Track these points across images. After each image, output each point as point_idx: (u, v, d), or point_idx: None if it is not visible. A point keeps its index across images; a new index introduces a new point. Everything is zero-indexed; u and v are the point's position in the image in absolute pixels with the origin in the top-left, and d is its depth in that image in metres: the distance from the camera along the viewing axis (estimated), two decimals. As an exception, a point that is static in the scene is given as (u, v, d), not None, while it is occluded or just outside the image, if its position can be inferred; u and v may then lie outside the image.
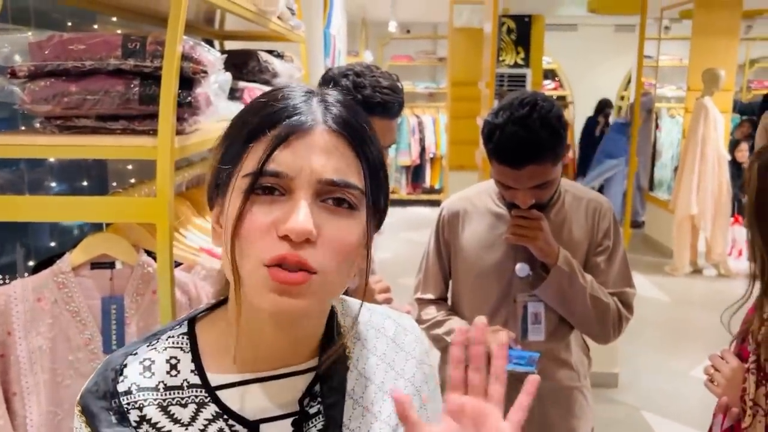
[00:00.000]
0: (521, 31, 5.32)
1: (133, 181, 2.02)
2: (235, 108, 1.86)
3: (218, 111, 1.43)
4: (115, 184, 2.13)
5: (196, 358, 0.68)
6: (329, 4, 3.99)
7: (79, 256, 1.28)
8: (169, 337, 0.69)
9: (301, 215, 0.58)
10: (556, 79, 8.15)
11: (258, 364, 0.68)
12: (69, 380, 1.25)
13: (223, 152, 0.65)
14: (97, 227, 1.39)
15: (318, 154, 0.61)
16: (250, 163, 0.61)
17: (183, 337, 0.69)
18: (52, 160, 1.90)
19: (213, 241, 0.69)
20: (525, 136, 1.34)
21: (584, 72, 7.96)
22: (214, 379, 0.67)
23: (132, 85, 1.25)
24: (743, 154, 5.85)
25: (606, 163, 5.46)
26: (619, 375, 3.69)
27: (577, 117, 7.88)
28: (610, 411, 3.40)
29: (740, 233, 5.97)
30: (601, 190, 5.35)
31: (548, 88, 7.93)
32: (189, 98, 1.28)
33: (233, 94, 1.90)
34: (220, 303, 0.73)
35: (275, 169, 0.60)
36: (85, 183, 2.10)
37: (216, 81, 1.42)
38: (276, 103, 0.63)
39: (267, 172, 0.60)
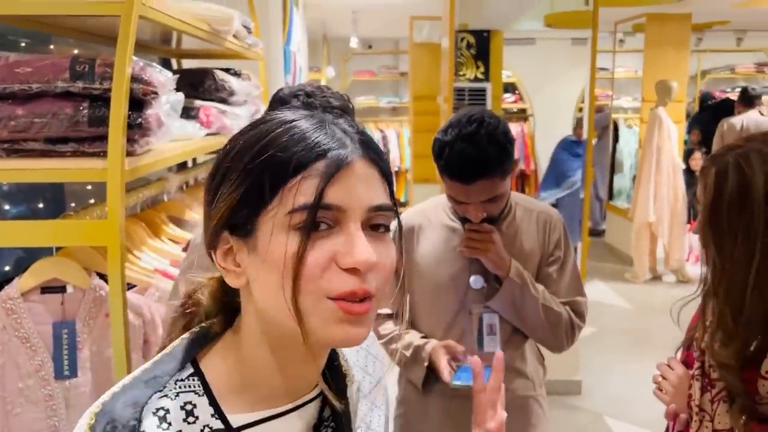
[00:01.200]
0: (480, 46, 5.40)
1: (92, 201, 2.00)
2: (191, 127, 1.88)
3: (171, 131, 1.43)
4: (73, 204, 2.11)
5: (213, 401, 0.65)
6: (288, 22, 4.01)
7: (28, 280, 1.27)
8: (177, 380, 0.65)
9: (364, 246, 0.59)
10: (516, 92, 8.29)
11: (276, 400, 0.67)
12: (19, 408, 1.23)
13: (242, 192, 0.61)
14: (46, 251, 1.38)
15: (361, 184, 0.62)
16: (299, 198, 0.59)
17: (193, 379, 0.65)
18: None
19: (231, 282, 0.65)
20: (473, 153, 1.37)
21: (543, 85, 8.11)
22: (235, 420, 0.65)
23: (81, 108, 1.25)
24: (697, 162, 6.03)
25: (564, 182, 5.60)
26: (581, 382, 3.75)
27: (538, 129, 8.02)
28: (573, 418, 3.45)
29: (696, 240, 6.13)
30: (555, 205, 5.46)
31: (508, 101, 8.07)
32: (140, 119, 1.28)
33: (189, 113, 1.90)
34: (211, 334, 0.69)
35: (330, 203, 0.59)
36: (41, 205, 2.06)
37: (168, 101, 1.43)
38: (306, 137, 0.61)
39: (323, 205, 0.59)
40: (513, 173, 1.49)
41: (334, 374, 0.74)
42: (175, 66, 2.68)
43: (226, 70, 2.27)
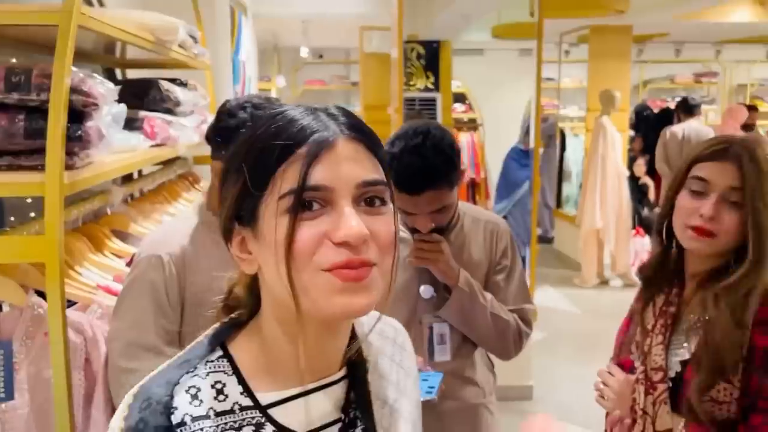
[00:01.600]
0: (430, 56, 5.45)
1: (33, 215, 1.93)
2: (135, 139, 1.84)
3: (112, 143, 1.40)
4: (13, 218, 2.03)
5: (242, 380, 0.69)
6: (237, 31, 3.97)
7: (-40, 300, 1.21)
8: (208, 362, 0.69)
9: (354, 221, 0.62)
10: (467, 102, 8.41)
11: (301, 378, 0.69)
12: (-48, 433, 1.18)
13: (242, 184, 0.66)
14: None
15: (347, 162, 0.64)
16: (285, 184, 0.63)
17: (222, 360, 0.70)
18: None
19: (246, 270, 0.69)
20: (420, 164, 1.39)
21: (492, 95, 8.25)
22: (264, 398, 0.68)
23: (17, 120, 1.21)
24: (640, 169, 6.22)
25: (515, 192, 5.71)
26: (533, 387, 3.80)
27: (488, 138, 8.14)
28: (525, 423, 3.50)
29: (641, 245, 6.33)
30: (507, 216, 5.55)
31: (459, 111, 8.16)
32: (79, 132, 1.25)
33: (133, 124, 1.86)
34: (238, 323, 0.73)
35: (316, 183, 0.62)
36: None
37: (109, 113, 1.39)
38: (290, 125, 0.65)
39: (308, 187, 0.62)
40: (460, 183, 1.50)
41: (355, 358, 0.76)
42: (119, 76, 2.62)
43: (173, 80, 2.23)
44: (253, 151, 0.66)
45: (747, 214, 1.19)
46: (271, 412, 0.68)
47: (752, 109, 6.38)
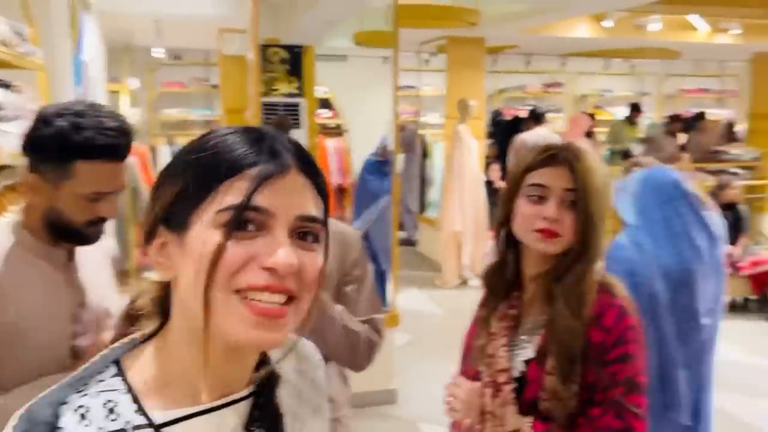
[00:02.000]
0: (293, 61, 5.39)
1: None
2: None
3: None
4: None
5: (135, 399, 0.66)
6: (80, 31, 3.68)
7: None
8: (100, 381, 0.67)
9: (286, 250, 0.62)
10: (333, 108, 8.43)
11: (201, 396, 0.68)
12: None
13: (180, 189, 0.65)
14: None
15: (294, 193, 0.65)
16: (227, 198, 0.63)
17: (116, 379, 0.68)
18: None
19: (162, 275, 0.68)
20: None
21: (357, 101, 8.33)
22: (161, 417, 0.66)
23: None
24: (495, 174, 6.55)
25: (377, 203, 5.78)
26: (397, 391, 3.85)
27: (354, 144, 8.21)
28: (386, 428, 3.53)
29: (492, 245, 6.65)
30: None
31: (325, 116, 8.16)
32: None
33: (-58, 131, 1.65)
34: (140, 339, 0.71)
35: (259, 205, 0.63)
36: None
37: None
38: (247, 144, 0.65)
39: (251, 206, 0.62)
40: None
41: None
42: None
43: (-6, 82, 2.01)
44: (204, 158, 0.65)
45: (581, 213, 1.27)
46: (167, 430, 0.66)
47: (592, 117, 6.93)
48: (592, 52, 8.39)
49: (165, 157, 7.35)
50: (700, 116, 8.36)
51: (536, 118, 6.01)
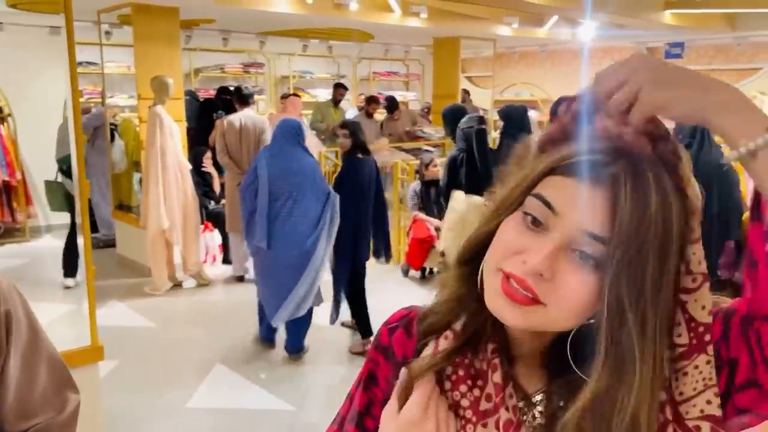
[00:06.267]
0: None
1: None
2: None
3: None
4: None
5: None
6: None
7: None
8: None
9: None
10: (-14, 88, 6.81)
11: None
12: None
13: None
14: None
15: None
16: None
17: None
18: None
19: None
20: None
21: (23, 80, 6.86)
22: None
23: None
24: (208, 160, 5.96)
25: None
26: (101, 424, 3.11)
27: (22, 132, 6.75)
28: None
29: (212, 240, 6.06)
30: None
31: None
32: None
33: None
34: None
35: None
36: None
37: None
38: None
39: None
40: None
41: None
42: None
43: None
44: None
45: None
46: None
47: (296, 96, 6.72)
48: (291, 31, 8.19)
49: None
50: (393, 99, 8.82)
51: (243, 98, 5.52)
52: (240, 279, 5.65)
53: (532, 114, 5.91)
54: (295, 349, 4.13)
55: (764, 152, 0.57)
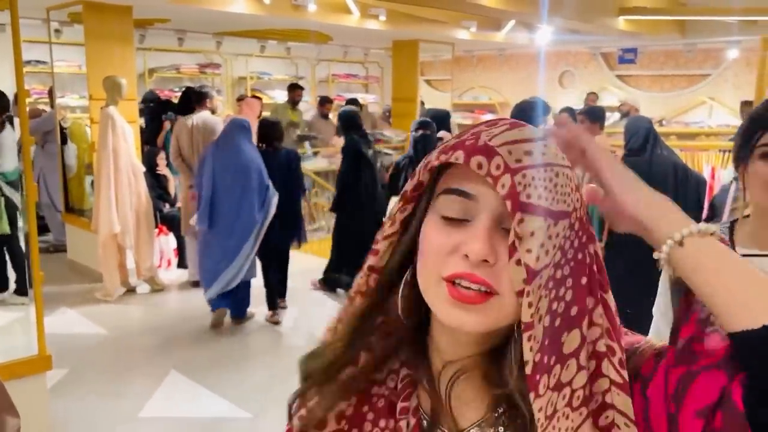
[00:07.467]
0: None
1: None
2: None
3: None
4: None
5: None
6: None
7: None
8: None
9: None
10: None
11: None
12: None
13: None
14: None
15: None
16: None
17: None
18: None
19: None
20: None
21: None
22: None
23: None
24: (161, 161, 5.82)
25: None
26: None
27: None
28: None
29: (166, 243, 5.92)
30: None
31: None
32: None
33: None
34: None
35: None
36: None
37: None
38: None
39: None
40: None
41: None
42: None
43: None
44: None
45: None
46: None
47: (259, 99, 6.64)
48: (248, 31, 8.08)
49: None
50: (356, 101, 8.78)
51: (198, 98, 5.40)
52: (195, 284, 5.52)
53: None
54: (240, 313, 4.71)
55: (691, 240, 0.59)
